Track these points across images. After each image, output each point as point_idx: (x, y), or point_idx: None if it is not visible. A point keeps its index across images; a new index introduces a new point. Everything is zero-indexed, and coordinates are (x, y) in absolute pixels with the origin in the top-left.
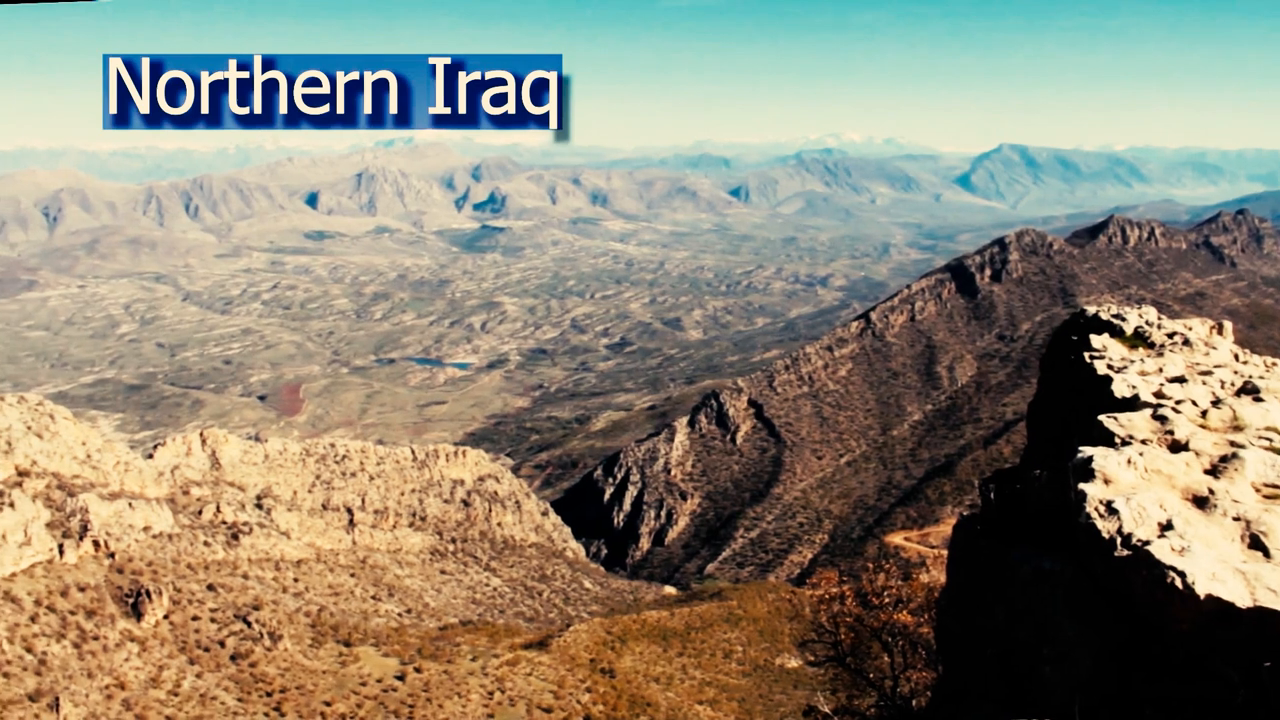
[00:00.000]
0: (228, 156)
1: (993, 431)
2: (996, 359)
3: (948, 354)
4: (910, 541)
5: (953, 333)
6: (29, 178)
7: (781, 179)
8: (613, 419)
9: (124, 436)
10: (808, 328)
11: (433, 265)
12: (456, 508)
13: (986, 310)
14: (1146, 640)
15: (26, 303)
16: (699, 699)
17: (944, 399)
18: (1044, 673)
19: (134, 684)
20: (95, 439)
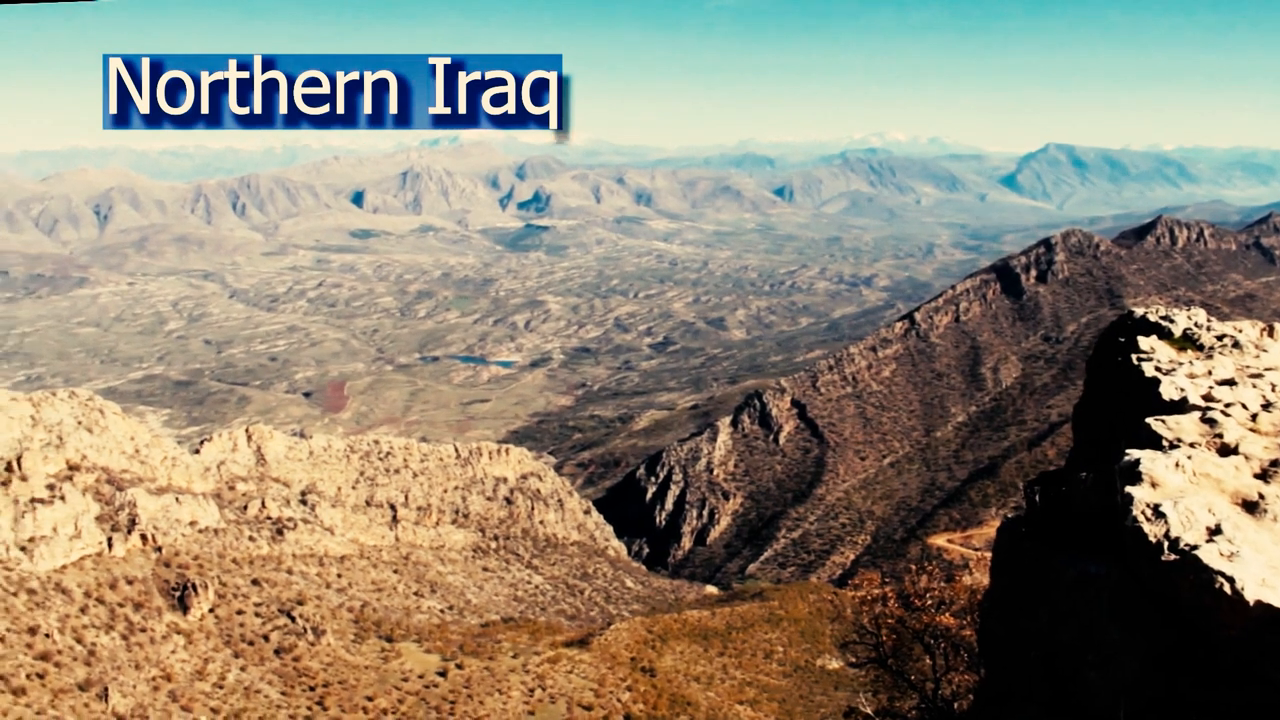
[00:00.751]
0: (274, 155)
1: (1037, 433)
2: (1041, 360)
3: (992, 355)
4: (953, 543)
5: (997, 334)
6: (80, 177)
7: (826, 179)
8: (655, 418)
9: (171, 432)
10: (851, 328)
11: (477, 264)
12: (499, 505)
13: (1032, 311)
14: (1194, 645)
15: (78, 299)
16: (739, 699)
17: (988, 400)
18: (1089, 677)
19: (180, 676)
20: (143, 434)
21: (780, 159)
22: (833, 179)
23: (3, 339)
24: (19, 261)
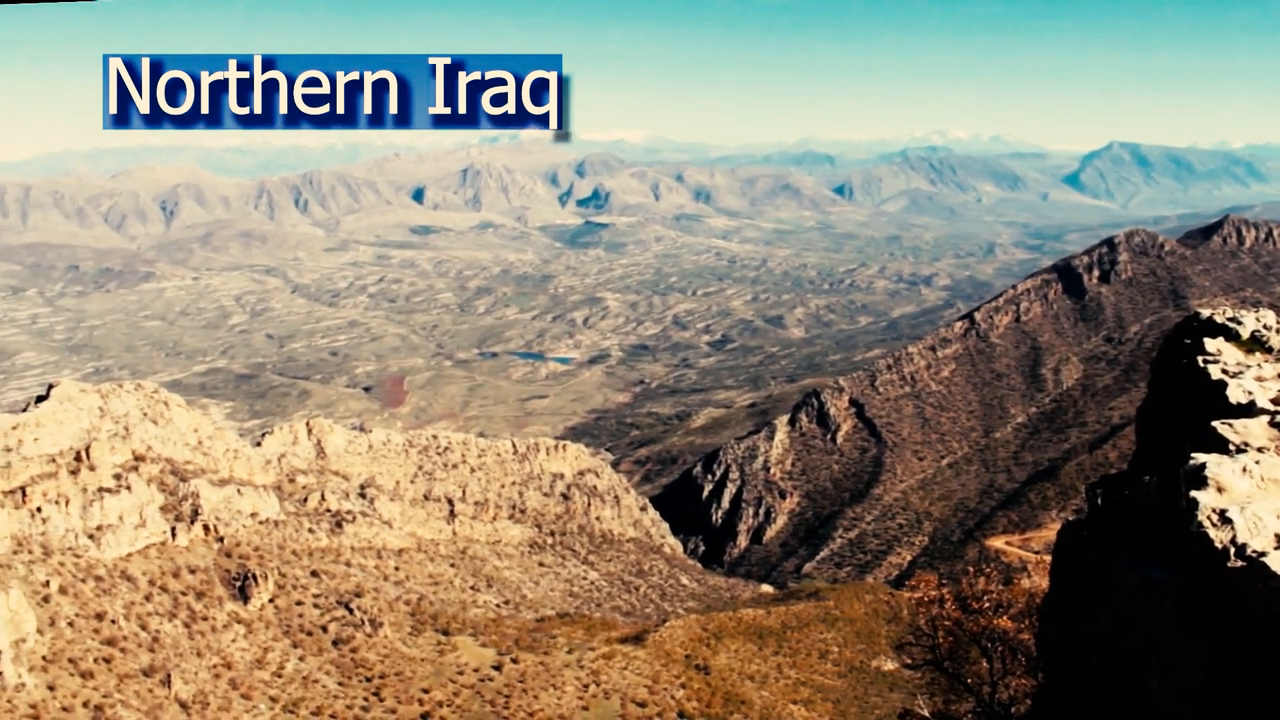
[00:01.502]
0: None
1: (1098, 436)
2: (1103, 362)
3: (1053, 356)
4: (1011, 546)
5: (1059, 334)
6: (148, 173)
7: (886, 177)
8: (713, 416)
9: (234, 424)
10: (911, 327)
11: (536, 260)
12: (556, 501)
13: (1094, 312)
14: (1261, 653)
15: (144, 294)
16: (793, 699)
17: (1049, 401)
18: (1151, 684)
19: (240, 664)
20: (206, 426)
21: (840, 157)
22: (893, 177)
23: (73, 332)
24: (89, 256)
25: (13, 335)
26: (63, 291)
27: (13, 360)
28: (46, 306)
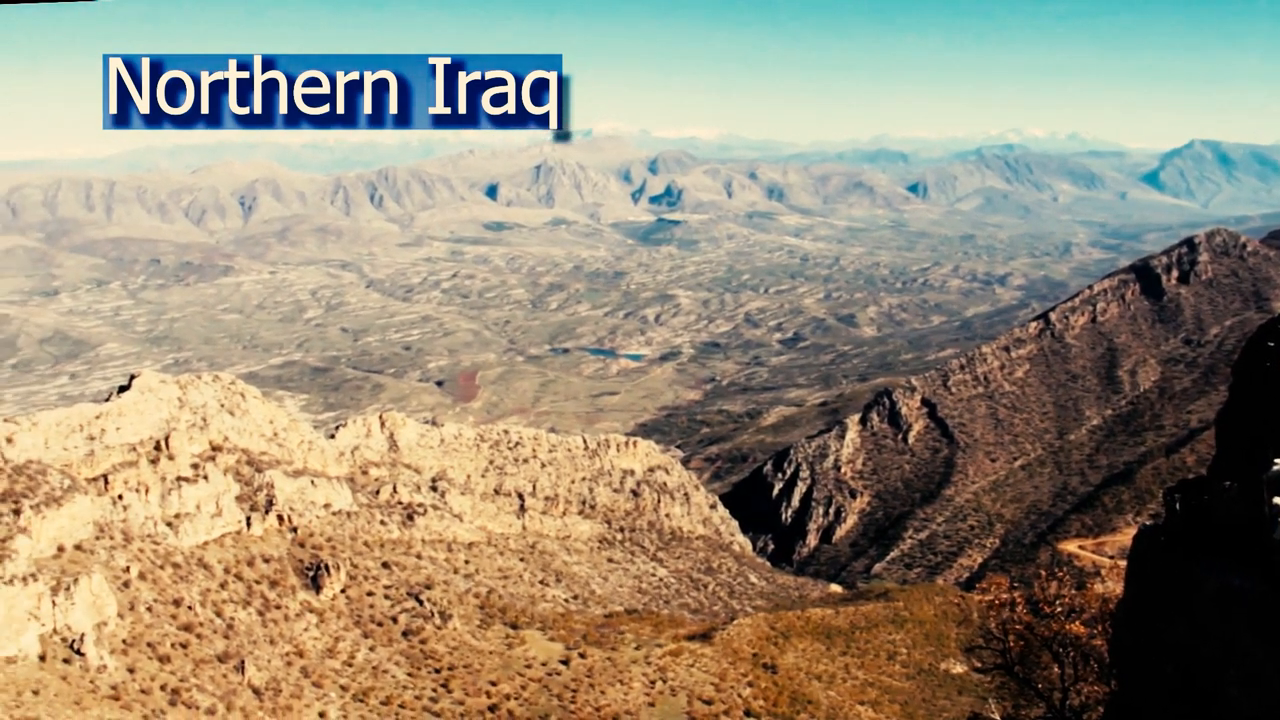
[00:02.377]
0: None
1: (1176, 439)
2: (1182, 364)
3: (1130, 357)
4: (1085, 550)
5: (1136, 335)
6: (226, 169)
7: (961, 175)
8: (784, 414)
9: (308, 417)
10: (984, 327)
11: (608, 257)
12: (626, 497)
13: (1173, 313)
14: None
15: (223, 287)
16: (860, 699)
17: (1125, 404)
18: (1230, 694)
19: (312, 653)
20: (282, 418)
21: (914, 155)
22: (968, 175)
23: (154, 324)
24: (170, 250)
25: (97, 326)
26: (144, 284)
27: (96, 351)
28: (129, 299)
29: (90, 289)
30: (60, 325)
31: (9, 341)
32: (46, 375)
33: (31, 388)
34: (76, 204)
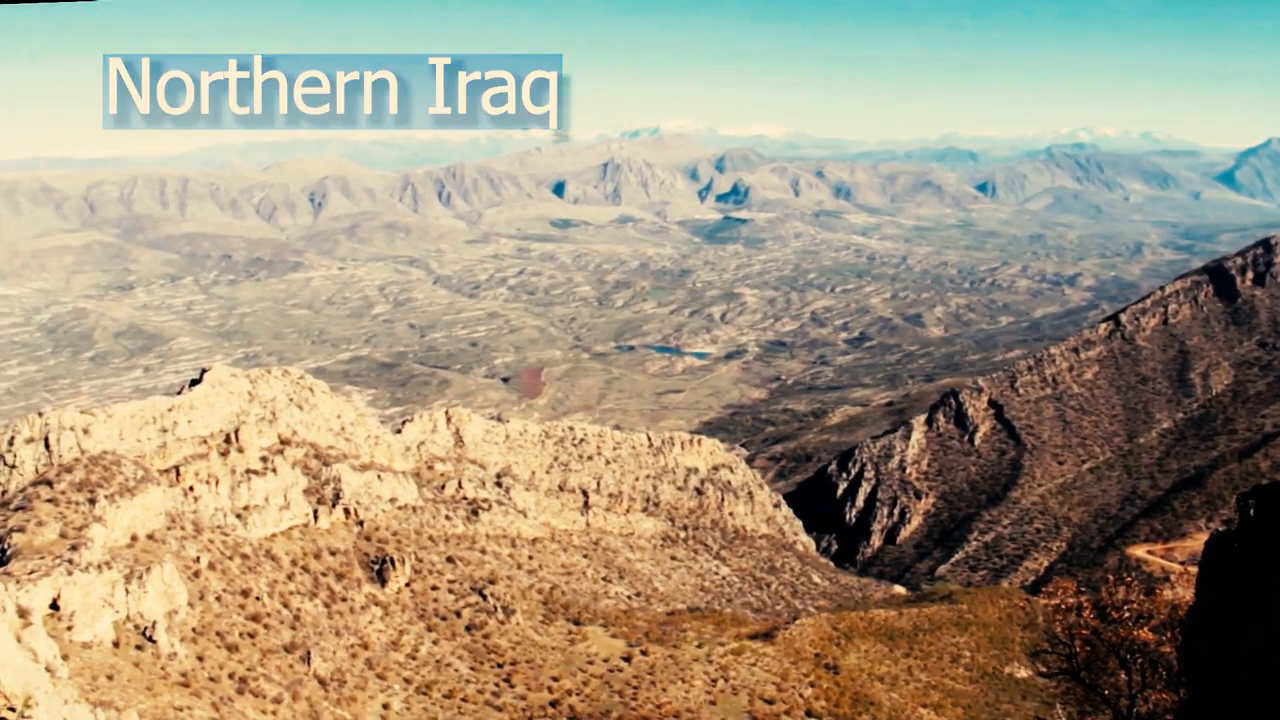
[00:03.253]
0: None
1: (1249, 444)
2: (1256, 367)
3: (1202, 360)
4: (1154, 555)
5: (1209, 338)
6: (297, 166)
7: (1030, 174)
8: (849, 414)
9: (375, 411)
10: (1053, 328)
11: (674, 255)
12: (690, 495)
13: (1247, 315)
14: None
15: (292, 283)
16: (923, 702)
17: (1196, 407)
18: None
19: (376, 645)
20: (349, 413)
21: (983, 153)
22: (1037, 174)
23: (225, 318)
24: (241, 246)
25: (170, 321)
26: (216, 279)
27: (169, 345)
28: (201, 294)
29: (164, 284)
30: (135, 319)
31: (86, 335)
32: (121, 368)
33: (107, 380)
34: (151, 200)
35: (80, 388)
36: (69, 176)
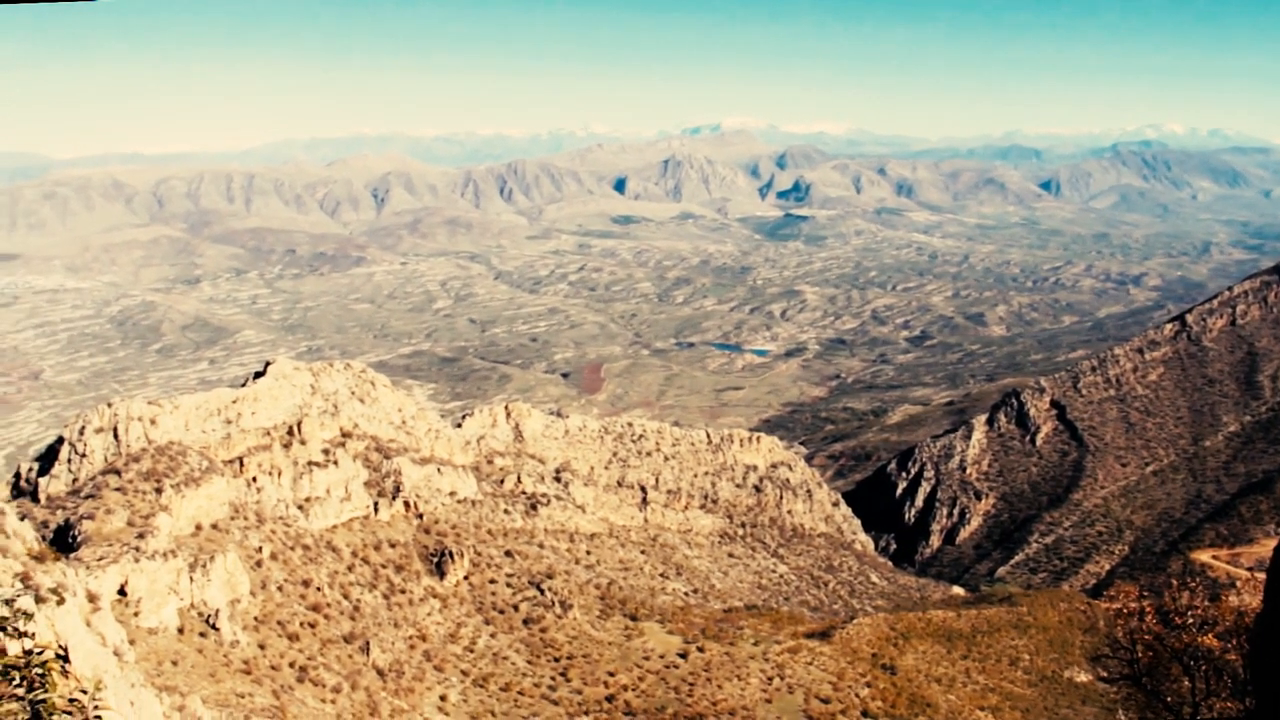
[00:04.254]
0: (540, 142)
1: None
2: None
3: (1271, 362)
4: (1219, 560)
5: (1278, 339)
6: (361, 162)
7: (1095, 172)
8: (909, 413)
9: (435, 406)
10: (1117, 328)
11: (735, 252)
12: (748, 493)
13: None
14: None
15: (355, 277)
16: (981, 704)
17: (1265, 410)
18: None
19: (434, 637)
20: (410, 406)
21: (1047, 151)
22: (1102, 172)
23: (289, 312)
24: (305, 241)
25: (235, 314)
26: (280, 274)
27: (234, 338)
28: (266, 288)
29: (229, 278)
30: (201, 312)
31: (154, 327)
32: (188, 360)
33: (174, 372)
34: (218, 196)
35: (148, 379)
36: (139, 172)
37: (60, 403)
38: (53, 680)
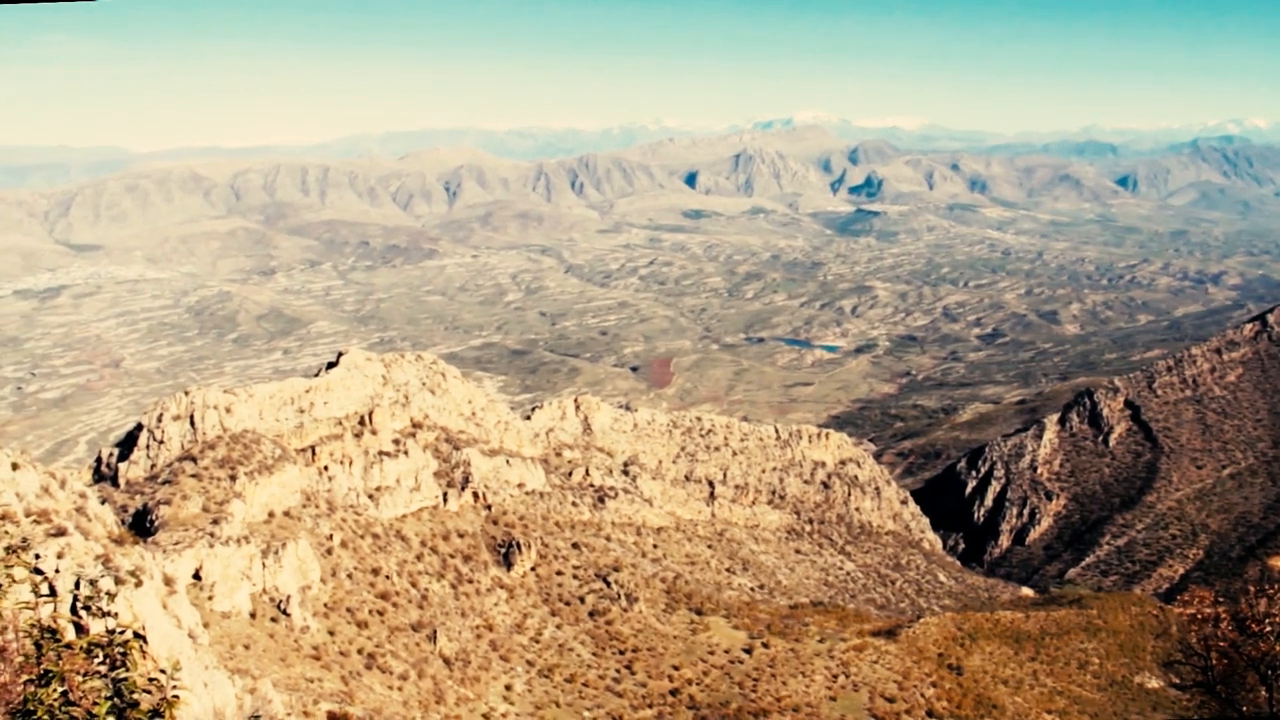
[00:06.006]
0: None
1: None
2: None
3: None
4: None
5: None
6: (434, 155)
7: (1174, 168)
8: (980, 411)
9: (505, 398)
10: (1195, 328)
11: (806, 247)
12: (816, 489)
13: None
14: None
15: (427, 270)
16: (1048, 708)
17: None
18: None
19: (500, 627)
20: (480, 398)
21: (1124, 146)
22: (1182, 168)
23: (361, 303)
24: (378, 233)
25: (309, 305)
26: (354, 266)
27: (308, 328)
28: (339, 279)
29: (304, 269)
30: (276, 303)
31: (230, 317)
32: (262, 350)
33: (249, 361)
34: (293, 188)
35: (224, 368)
36: (216, 165)
37: (139, 390)
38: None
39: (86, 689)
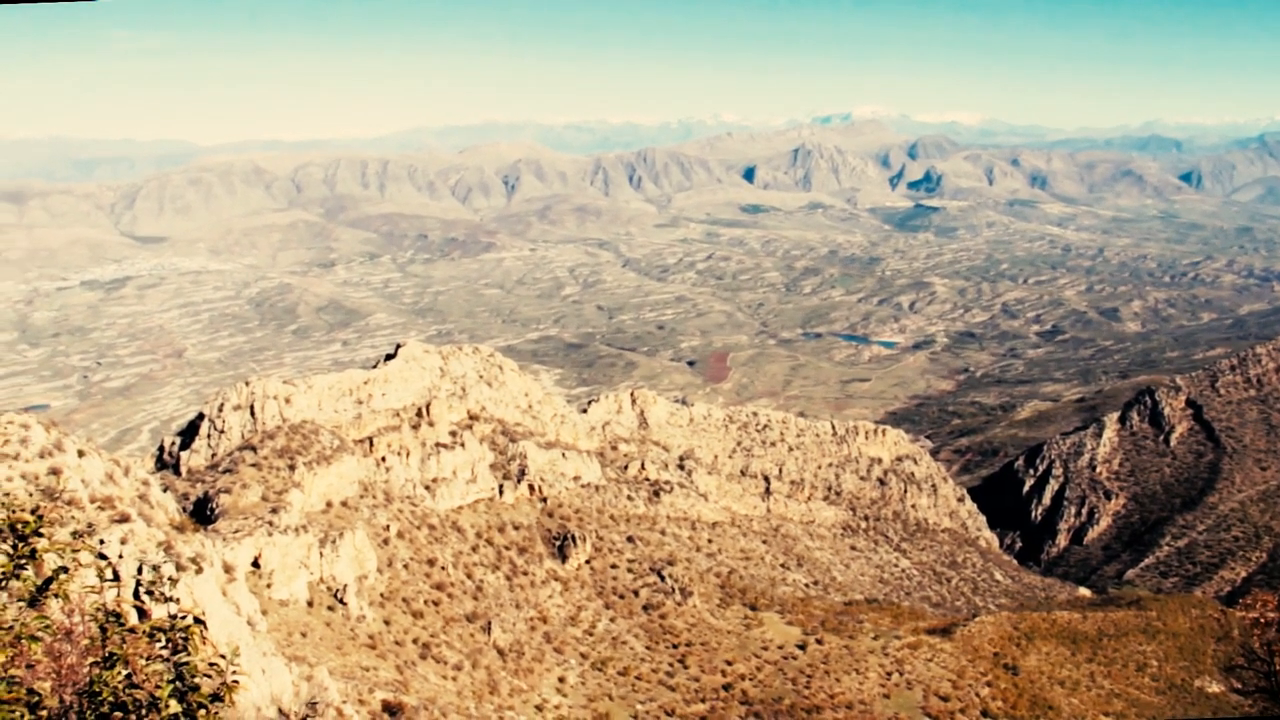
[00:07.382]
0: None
1: None
2: None
3: None
4: None
5: None
6: (492, 149)
7: (1240, 163)
8: (1038, 409)
9: (561, 391)
10: (1260, 326)
11: (864, 242)
12: (872, 485)
13: None
14: None
15: (485, 263)
16: (1105, 710)
17: None
18: None
19: (554, 620)
20: (536, 391)
21: (1188, 141)
22: (1247, 164)
23: (420, 296)
24: (436, 226)
25: (368, 297)
26: (412, 258)
27: (366, 320)
28: (397, 272)
29: (363, 261)
30: (335, 295)
31: (290, 309)
32: (321, 341)
33: (308, 352)
34: (353, 181)
35: (283, 359)
36: (278, 159)
37: (201, 380)
38: (194, 644)
39: (149, 672)
